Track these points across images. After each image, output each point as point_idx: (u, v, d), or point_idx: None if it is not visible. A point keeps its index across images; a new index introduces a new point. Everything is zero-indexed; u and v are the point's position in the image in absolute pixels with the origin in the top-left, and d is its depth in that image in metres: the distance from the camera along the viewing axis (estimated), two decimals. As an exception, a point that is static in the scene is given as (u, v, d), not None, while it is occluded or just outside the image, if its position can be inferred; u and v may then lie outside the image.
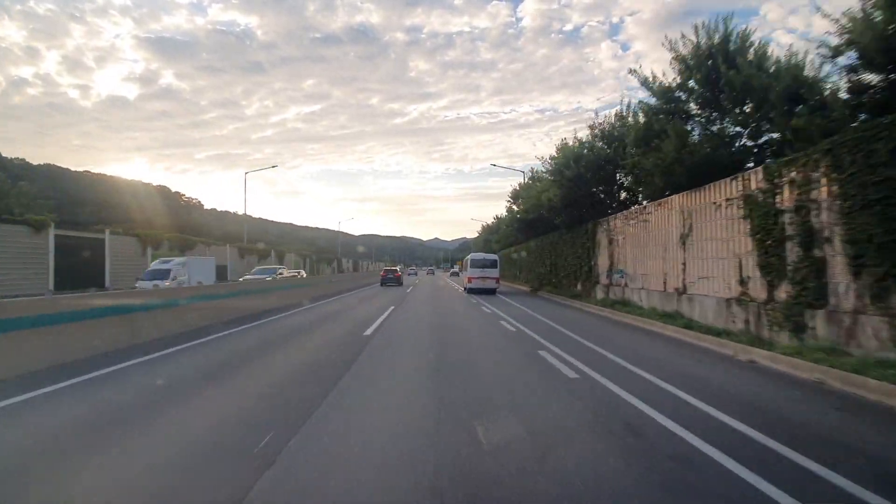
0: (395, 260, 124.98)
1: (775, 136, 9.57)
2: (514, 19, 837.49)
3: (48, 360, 6.06)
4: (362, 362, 6.50)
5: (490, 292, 23.64)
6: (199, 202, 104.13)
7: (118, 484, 2.90)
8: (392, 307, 14.64)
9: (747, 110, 9.84)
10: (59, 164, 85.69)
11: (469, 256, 26.06)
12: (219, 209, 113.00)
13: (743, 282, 8.34)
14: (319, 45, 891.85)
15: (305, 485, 2.85)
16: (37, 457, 3.33)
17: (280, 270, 26.87)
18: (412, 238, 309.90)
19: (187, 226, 55.62)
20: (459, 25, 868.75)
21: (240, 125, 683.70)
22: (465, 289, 25.26)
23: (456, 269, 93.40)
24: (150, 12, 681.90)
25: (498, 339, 8.86)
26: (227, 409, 4.46)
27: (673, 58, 10.95)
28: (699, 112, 11.03)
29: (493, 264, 24.54)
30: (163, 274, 18.37)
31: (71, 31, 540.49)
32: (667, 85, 11.32)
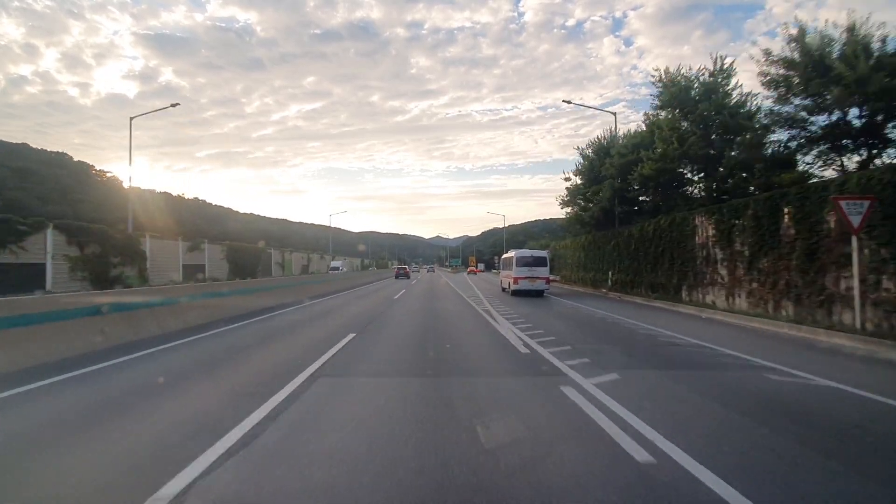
0: (394, 258, 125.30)
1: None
2: (515, 14, 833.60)
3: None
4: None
5: (538, 294, 20.97)
6: (118, 179, 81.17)
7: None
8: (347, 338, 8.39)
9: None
10: None
11: (514, 254, 22.11)
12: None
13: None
14: (319, 41, 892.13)
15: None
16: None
17: None
18: (414, 236, 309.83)
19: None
20: (461, 21, 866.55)
21: (240, 123, 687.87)
22: (510, 291, 21.84)
23: (484, 266, 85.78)
24: (148, 9, 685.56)
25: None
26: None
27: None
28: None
29: (542, 262, 21.36)
30: None
31: (69, 27, 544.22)
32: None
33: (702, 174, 20.06)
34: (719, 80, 18.41)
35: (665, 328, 10.60)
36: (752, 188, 17.22)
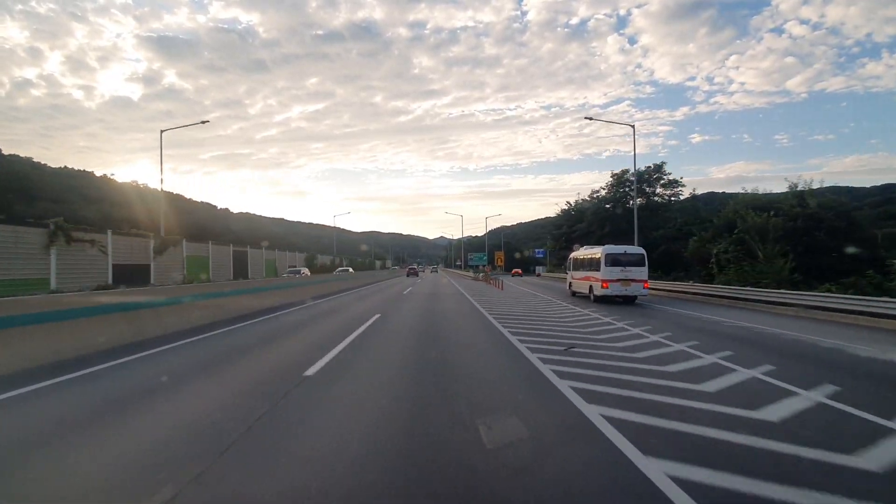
0: (391, 257, 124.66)
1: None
2: (519, 13, 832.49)
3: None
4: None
5: (629, 300, 17.61)
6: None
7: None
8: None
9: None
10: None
11: (601, 250, 18.17)
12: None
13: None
14: (322, 42, 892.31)
15: None
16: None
17: None
18: (416, 236, 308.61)
19: None
20: (463, 20, 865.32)
21: (244, 125, 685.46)
22: (591, 297, 18.44)
23: (542, 269, 62.09)
24: (151, 11, 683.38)
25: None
26: None
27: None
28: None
29: (639, 261, 17.58)
30: None
31: (73, 30, 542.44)
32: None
33: None
34: None
35: None
36: None
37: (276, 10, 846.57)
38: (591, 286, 18.61)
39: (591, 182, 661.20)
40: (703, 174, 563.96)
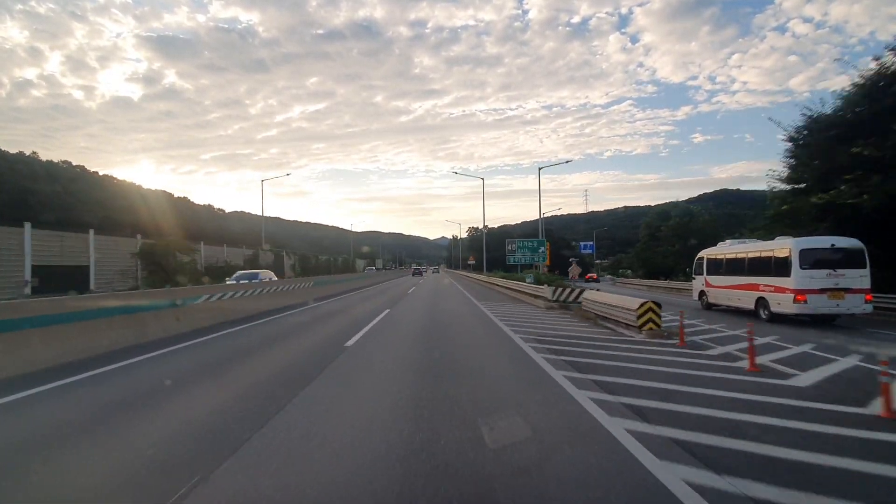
0: (387, 256, 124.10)
1: None
2: (520, 12, 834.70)
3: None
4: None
5: (829, 319, 12.26)
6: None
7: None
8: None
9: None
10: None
11: (792, 245, 11.93)
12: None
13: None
14: (322, 41, 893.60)
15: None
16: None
17: None
18: (417, 237, 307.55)
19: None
20: (464, 19, 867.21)
21: (244, 125, 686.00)
22: (763, 313, 12.63)
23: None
24: (151, 10, 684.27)
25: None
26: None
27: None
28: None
29: (856, 259, 11.60)
30: None
31: (73, 30, 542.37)
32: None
33: None
34: None
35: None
36: None
37: (277, 9, 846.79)
38: (760, 299, 12.79)
39: (592, 182, 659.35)
40: (704, 174, 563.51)
